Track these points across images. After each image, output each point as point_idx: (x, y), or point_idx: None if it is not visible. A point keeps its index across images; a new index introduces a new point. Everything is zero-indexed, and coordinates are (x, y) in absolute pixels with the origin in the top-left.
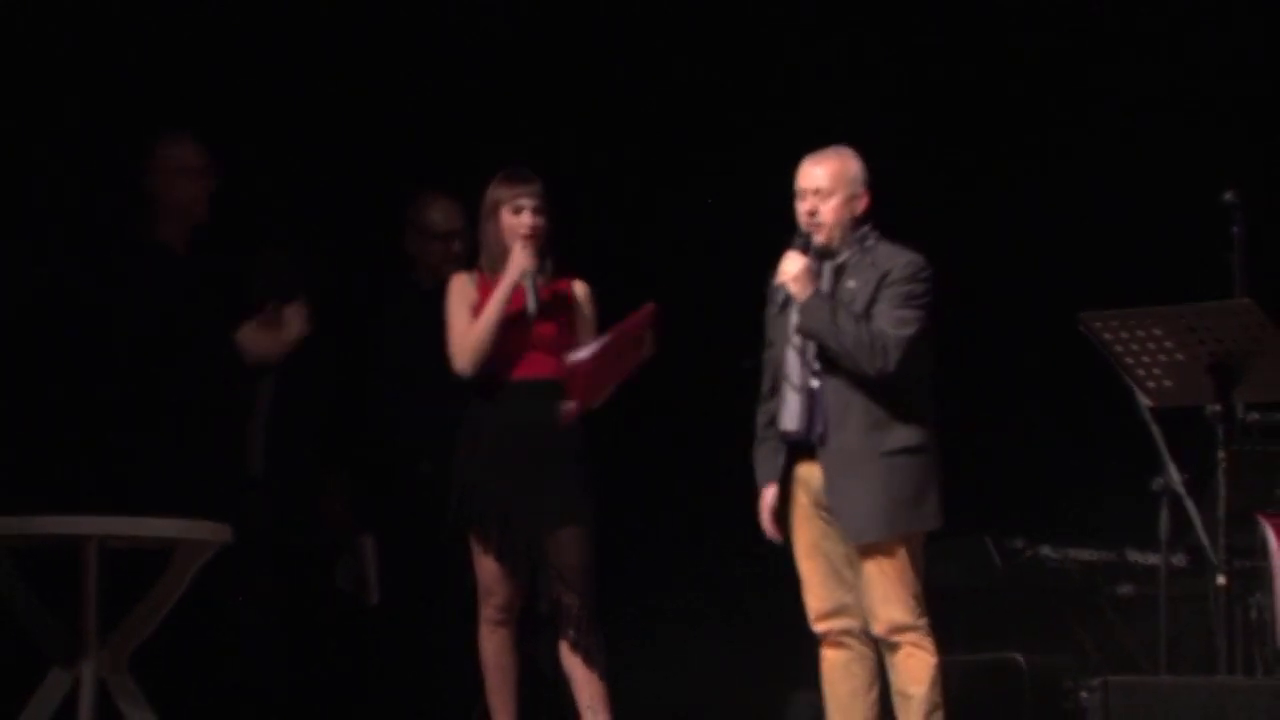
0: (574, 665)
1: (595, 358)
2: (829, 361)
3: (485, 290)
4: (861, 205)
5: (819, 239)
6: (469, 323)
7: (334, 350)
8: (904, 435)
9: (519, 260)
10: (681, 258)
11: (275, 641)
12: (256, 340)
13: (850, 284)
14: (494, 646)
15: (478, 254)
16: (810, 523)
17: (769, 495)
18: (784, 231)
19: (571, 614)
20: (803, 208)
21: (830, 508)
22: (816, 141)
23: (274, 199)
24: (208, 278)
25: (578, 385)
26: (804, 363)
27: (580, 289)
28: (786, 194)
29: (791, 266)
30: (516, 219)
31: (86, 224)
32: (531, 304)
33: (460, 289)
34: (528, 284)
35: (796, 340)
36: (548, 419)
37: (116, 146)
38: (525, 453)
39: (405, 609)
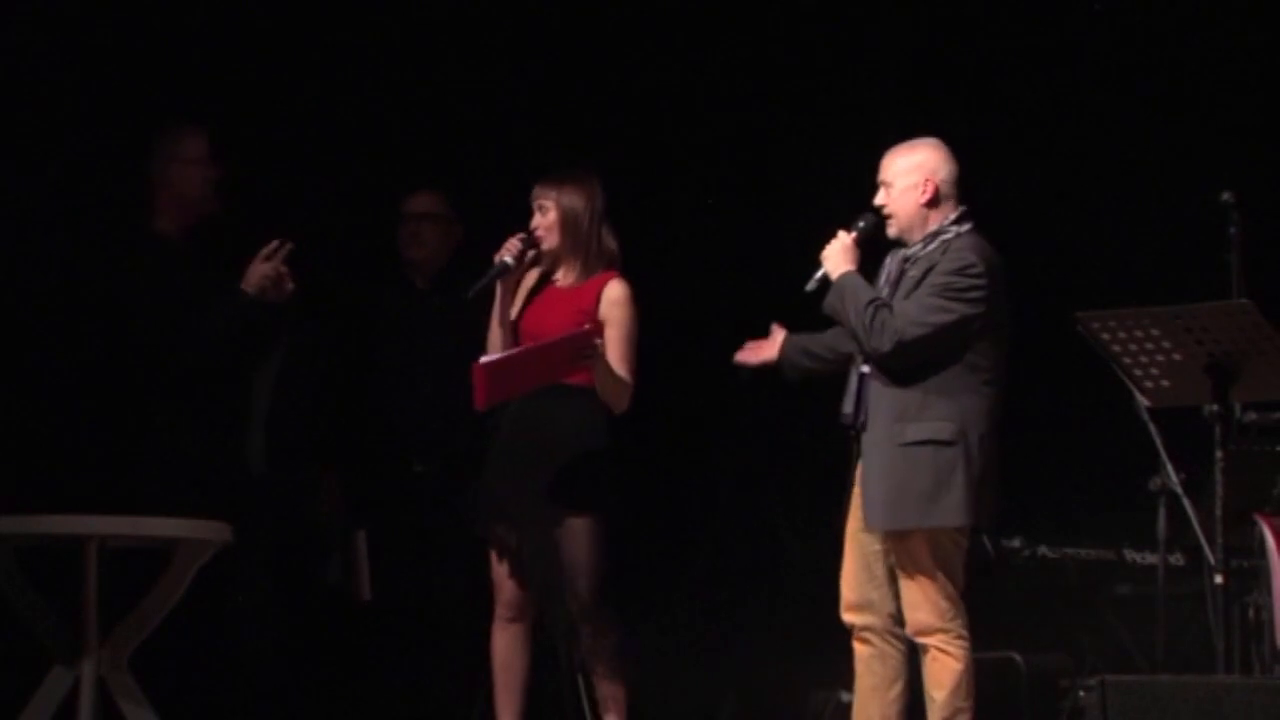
0: (591, 662)
1: (501, 363)
2: None
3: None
4: (923, 195)
5: (890, 230)
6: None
7: (330, 349)
8: (931, 428)
9: (499, 256)
10: (679, 258)
11: (273, 639)
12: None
13: (912, 273)
14: (501, 644)
15: (456, 242)
16: (857, 510)
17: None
18: (788, 234)
19: (582, 609)
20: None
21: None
22: (819, 143)
23: (272, 198)
24: (203, 268)
25: (478, 384)
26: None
27: (613, 290)
28: (787, 194)
29: (830, 246)
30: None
31: (87, 214)
32: (472, 290)
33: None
34: (491, 271)
35: None
36: (558, 422)
37: (114, 138)
38: (534, 454)
39: (400, 607)
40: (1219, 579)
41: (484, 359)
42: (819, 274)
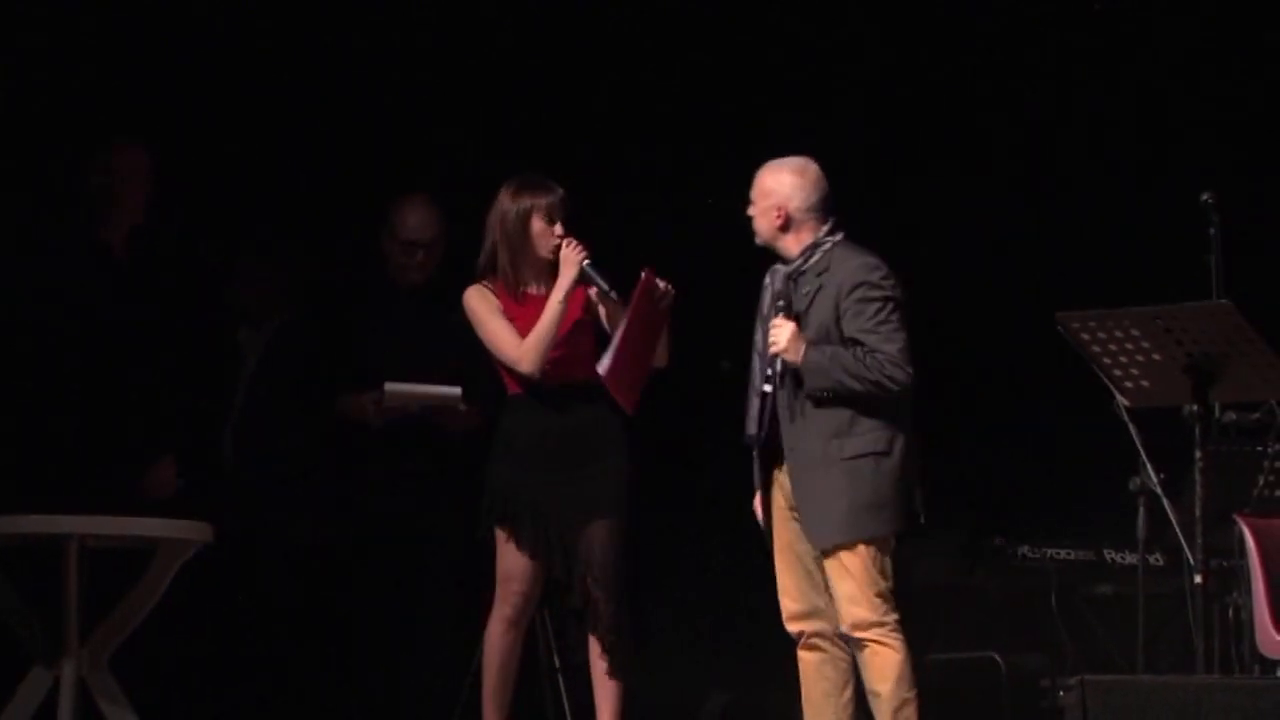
0: (596, 662)
1: (620, 353)
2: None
3: (505, 299)
4: (776, 220)
5: (756, 239)
6: (511, 331)
7: (316, 349)
8: (866, 440)
9: (572, 258)
10: (667, 258)
11: (252, 641)
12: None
13: (805, 289)
14: (503, 645)
15: (445, 264)
16: (785, 525)
17: (757, 502)
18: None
19: (599, 609)
20: None
21: (797, 513)
22: (803, 144)
23: (255, 199)
24: (149, 278)
25: (617, 387)
26: (763, 368)
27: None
28: None
29: (781, 337)
30: (550, 227)
31: (41, 223)
32: (604, 286)
33: (484, 300)
34: (592, 273)
35: (760, 345)
36: (584, 420)
37: (69, 145)
38: (562, 454)
39: (388, 606)
40: (1199, 579)
41: (600, 368)
42: (778, 369)
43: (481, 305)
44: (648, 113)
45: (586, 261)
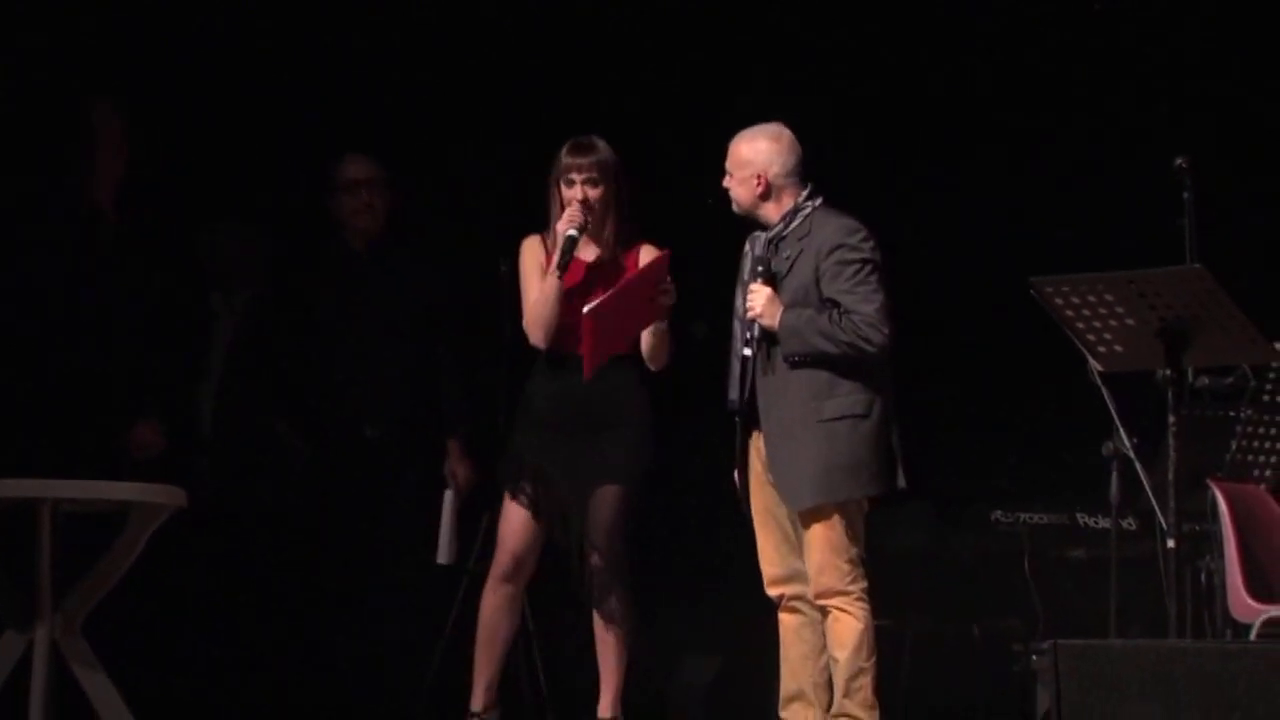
0: (598, 627)
1: (607, 305)
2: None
3: (549, 257)
4: (757, 188)
5: (735, 208)
6: (538, 291)
7: (285, 317)
8: (845, 403)
9: (559, 227)
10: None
11: (225, 606)
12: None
13: (786, 253)
14: (491, 604)
15: (396, 208)
16: (763, 490)
17: (736, 475)
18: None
19: (598, 573)
20: None
21: (772, 475)
22: (779, 112)
23: (228, 168)
24: (140, 245)
25: (588, 336)
26: (743, 332)
27: (645, 255)
28: None
29: (757, 301)
30: (569, 191)
31: (23, 193)
32: (556, 262)
33: (529, 254)
34: (562, 246)
35: (740, 310)
36: (603, 387)
37: (48, 114)
38: (577, 419)
39: (351, 570)
40: (1171, 544)
41: (588, 307)
42: (755, 332)
43: (524, 259)
44: (630, 89)
45: (572, 231)
